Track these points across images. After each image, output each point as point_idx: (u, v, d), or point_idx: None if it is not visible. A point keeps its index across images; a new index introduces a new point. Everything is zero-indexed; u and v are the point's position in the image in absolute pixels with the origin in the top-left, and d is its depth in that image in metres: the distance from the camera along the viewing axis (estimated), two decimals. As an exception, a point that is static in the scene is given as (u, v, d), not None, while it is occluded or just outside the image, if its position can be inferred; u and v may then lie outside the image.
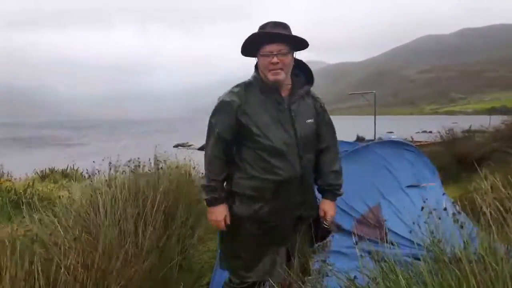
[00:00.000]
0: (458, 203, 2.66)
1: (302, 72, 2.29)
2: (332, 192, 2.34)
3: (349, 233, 3.07)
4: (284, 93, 2.19)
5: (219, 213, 2.16)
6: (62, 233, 2.32)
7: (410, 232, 2.29)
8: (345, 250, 2.84)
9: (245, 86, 2.18)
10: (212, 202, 2.16)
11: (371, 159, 3.70)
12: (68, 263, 2.01)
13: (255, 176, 2.12)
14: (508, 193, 2.06)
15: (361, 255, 2.05)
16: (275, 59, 2.07)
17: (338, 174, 2.36)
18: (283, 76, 2.11)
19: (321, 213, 2.31)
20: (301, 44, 2.17)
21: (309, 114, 2.22)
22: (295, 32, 2.18)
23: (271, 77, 2.10)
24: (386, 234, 3.02)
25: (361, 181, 3.47)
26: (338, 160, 2.38)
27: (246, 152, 2.15)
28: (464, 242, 1.88)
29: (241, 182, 2.17)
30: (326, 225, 2.31)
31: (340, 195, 2.37)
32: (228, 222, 2.18)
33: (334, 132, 2.39)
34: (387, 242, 2.52)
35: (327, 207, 2.33)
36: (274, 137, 2.09)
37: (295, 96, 2.19)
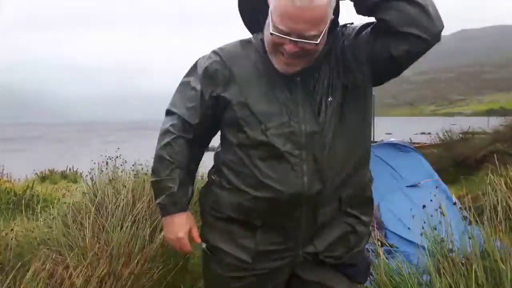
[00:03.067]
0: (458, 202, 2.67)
1: None
2: None
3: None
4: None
5: (180, 226, 1.42)
6: (71, 235, 2.32)
7: (409, 228, 2.29)
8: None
9: (237, 45, 1.41)
10: (168, 209, 1.42)
11: (372, 160, 3.73)
12: (78, 266, 2.00)
13: (239, 189, 1.35)
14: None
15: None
16: (291, 48, 1.22)
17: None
18: (300, 67, 1.28)
19: None
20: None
21: (333, 86, 1.32)
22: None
23: (277, 63, 1.29)
24: (385, 235, 3.04)
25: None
26: None
27: (226, 149, 1.41)
28: (469, 239, 1.89)
29: (218, 195, 1.41)
30: None
31: None
32: (198, 239, 1.46)
33: None
34: (387, 243, 2.53)
35: None
36: (273, 129, 1.29)
37: (315, 62, 1.31)
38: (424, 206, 2.11)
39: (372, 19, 1.31)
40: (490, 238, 1.81)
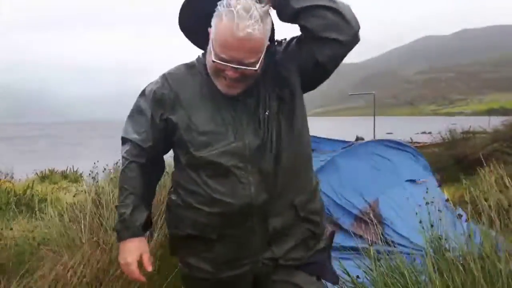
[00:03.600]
0: (451, 204, 2.67)
1: None
2: None
3: (348, 232, 3.08)
4: None
5: (130, 251, 1.42)
6: (70, 235, 2.32)
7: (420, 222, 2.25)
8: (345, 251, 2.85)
9: (181, 69, 1.46)
10: (120, 233, 1.43)
11: (370, 155, 3.73)
12: (77, 265, 2.00)
13: (193, 207, 1.40)
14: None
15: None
16: (232, 73, 1.30)
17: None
18: (241, 89, 1.36)
19: None
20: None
21: (269, 100, 1.40)
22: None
23: (219, 86, 1.36)
24: (382, 233, 3.03)
25: (360, 176, 3.50)
26: None
27: (179, 169, 1.47)
28: (467, 239, 1.89)
29: (177, 215, 1.47)
30: None
31: None
32: (149, 267, 1.44)
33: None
34: (385, 240, 2.52)
35: None
36: (218, 148, 1.36)
37: (254, 80, 1.39)
38: (427, 203, 2.11)
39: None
40: (488, 237, 1.81)
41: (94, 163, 4.63)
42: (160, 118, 1.42)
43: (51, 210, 2.87)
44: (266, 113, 1.38)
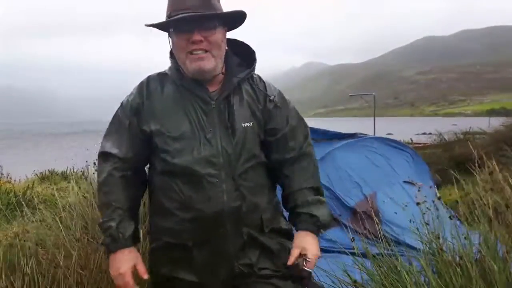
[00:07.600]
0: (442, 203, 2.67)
1: (238, 55, 1.53)
2: (308, 217, 1.46)
3: (345, 227, 3.08)
4: (214, 87, 1.45)
5: (122, 262, 1.40)
6: (64, 234, 2.32)
7: (410, 221, 2.26)
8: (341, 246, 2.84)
9: (155, 78, 1.49)
10: (109, 246, 1.41)
11: (370, 151, 3.75)
12: (69, 265, 2.01)
13: (169, 212, 1.41)
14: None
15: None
16: (196, 36, 1.34)
17: (317, 192, 1.52)
18: (212, 64, 1.38)
19: (294, 253, 1.42)
20: (234, 18, 1.45)
21: (248, 114, 1.45)
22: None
23: (191, 65, 1.38)
24: (380, 229, 3.02)
25: (359, 171, 3.51)
26: (315, 174, 1.55)
27: (155, 175, 1.47)
28: (462, 239, 1.89)
29: (154, 223, 1.49)
30: (304, 266, 1.40)
31: (322, 226, 1.48)
32: (145, 275, 1.43)
33: (305, 135, 1.57)
34: (383, 239, 2.51)
35: (306, 243, 1.43)
36: (190, 153, 1.37)
37: (228, 88, 1.44)
38: (418, 204, 2.12)
39: None
40: (488, 238, 1.81)
41: (87, 161, 4.62)
42: (138, 128, 1.44)
43: (51, 211, 2.87)
44: (247, 124, 1.43)
